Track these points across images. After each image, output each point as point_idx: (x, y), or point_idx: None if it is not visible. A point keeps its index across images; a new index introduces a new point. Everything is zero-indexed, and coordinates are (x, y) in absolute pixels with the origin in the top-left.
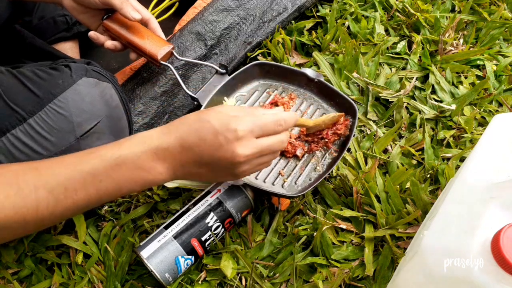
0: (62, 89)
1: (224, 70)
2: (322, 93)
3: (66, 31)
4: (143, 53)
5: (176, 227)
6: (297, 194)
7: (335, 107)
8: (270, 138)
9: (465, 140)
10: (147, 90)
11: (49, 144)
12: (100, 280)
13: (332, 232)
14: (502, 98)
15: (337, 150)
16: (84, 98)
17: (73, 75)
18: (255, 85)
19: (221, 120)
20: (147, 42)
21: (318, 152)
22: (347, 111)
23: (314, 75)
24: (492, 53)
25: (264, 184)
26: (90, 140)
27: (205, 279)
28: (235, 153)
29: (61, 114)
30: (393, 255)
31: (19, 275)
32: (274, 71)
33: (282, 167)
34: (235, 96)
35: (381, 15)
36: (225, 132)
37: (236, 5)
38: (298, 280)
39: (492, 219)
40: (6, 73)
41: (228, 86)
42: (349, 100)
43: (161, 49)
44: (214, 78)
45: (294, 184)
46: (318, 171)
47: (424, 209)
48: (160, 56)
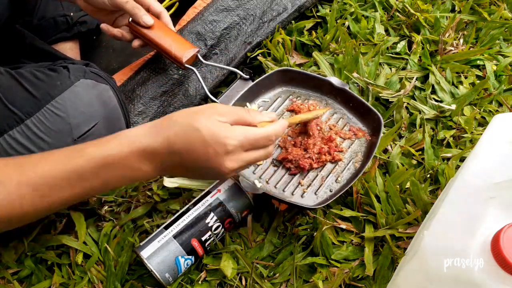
0: (60, 90)
1: (248, 76)
2: (346, 102)
3: (67, 31)
4: (168, 55)
5: (176, 227)
6: (317, 206)
7: (359, 117)
8: (258, 152)
9: (465, 140)
10: (147, 90)
11: (46, 146)
12: (100, 280)
13: (332, 232)
14: (502, 98)
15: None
16: (81, 99)
17: (71, 77)
18: (278, 92)
19: (211, 130)
20: (172, 44)
21: (340, 163)
22: (371, 121)
23: (339, 84)
24: (492, 53)
25: (283, 193)
26: (87, 141)
27: (205, 279)
28: (223, 165)
29: (59, 116)
30: (393, 255)
31: (19, 275)
32: (298, 78)
33: (303, 177)
34: (257, 102)
35: (381, 15)
36: (215, 145)
37: (236, 5)
38: (298, 280)
39: (492, 219)
40: (4, 74)
41: (251, 92)
42: (374, 110)
43: (186, 52)
44: (237, 83)
45: (314, 195)
46: (339, 183)
47: (424, 209)
48: (185, 59)
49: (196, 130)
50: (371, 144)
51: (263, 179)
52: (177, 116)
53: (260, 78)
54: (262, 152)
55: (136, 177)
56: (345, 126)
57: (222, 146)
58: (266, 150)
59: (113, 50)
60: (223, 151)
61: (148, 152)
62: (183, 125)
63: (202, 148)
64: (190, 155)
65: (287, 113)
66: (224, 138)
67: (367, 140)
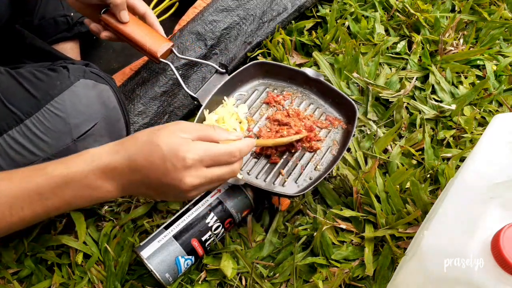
0: (60, 90)
1: (224, 70)
2: (322, 93)
3: (67, 31)
4: (143, 49)
5: (176, 227)
6: (297, 194)
7: (335, 106)
8: (221, 169)
9: (465, 140)
10: (147, 90)
11: (45, 146)
12: (100, 280)
13: (332, 232)
14: (502, 98)
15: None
16: (81, 100)
17: (71, 77)
18: (255, 84)
19: (170, 145)
20: (147, 39)
21: (318, 151)
22: (347, 110)
23: (313, 74)
24: (492, 53)
25: (264, 183)
26: (87, 142)
27: (205, 279)
28: (182, 181)
29: (58, 116)
30: (393, 255)
31: (19, 275)
32: (274, 70)
33: (283, 166)
34: (234, 96)
35: (381, 15)
36: (173, 159)
37: (236, 5)
38: (298, 280)
39: (492, 219)
40: (4, 74)
41: (228, 85)
42: (349, 99)
43: (161, 46)
44: (214, 77)
45: (294, 183)
46: (319, 171)
47: (424, 209)
48: (160, 54)
49: (156, 146)
50: (347, 132)
51: (244, 171)
52: (140, 134)
53: (236, 72)
54: (225, 169)
55: (98, 197)
56: (321, 115)
57: (181, 161)
58: (230, 168)
59: (113, 50)
60: (182, 165)
61: (109, 169)
62: (145, 142)
63: (161, 163)
64: (151, 171)
65: (264, 106)
66: (183, 152)
67: (343, 128)
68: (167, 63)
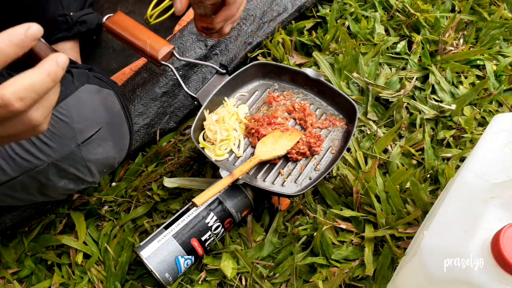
0: (65, 95)
1: (224, 70)
2: (322, 93)
3: (67, 31)
4: (144, 53)
5: (176, 227)
6: (297, 193)
7: (335, 106)
8: None
9: (465, 140)
10: (147, 91)
11: (50, 150)
12: (100, 280)
13: (332, 232)
14: (502, 98)
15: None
16: (86, 105)
17: (76, 82)
18: (255, 85)
19: None
20: (147, 42)
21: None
22: (347, 110)
23: (314, 74)
24: (492, 53)
25: (264, 183)
26: (91, 146)
27: (205, 279)
28: None
29: (63, 121)
30: (393, 255)
31: (19, 275)
32: (274, 70)
33: (282, 166)
34: (235, 96)
35: (381, 15)
36: None
37: None
38: (298, 280)
39: (492, 219)
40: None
41: (228, 86)
42: (349, 99)
43: (161, 49)
44: (214, 78)
45: (294, 183)
46: (318, 171)
47: (424, 209)
48: (161, 56)
49: None
50: (347, 132)
51: None
52: None
53: (236, 72)
54: None
55: None
56: (322, 115)
57: None
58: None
59: (113, 50)
60: None
61: None
62: None
63: None
64: None
65: (266, 106)
66: None
67: (343, 128)
68: (167, 65)
